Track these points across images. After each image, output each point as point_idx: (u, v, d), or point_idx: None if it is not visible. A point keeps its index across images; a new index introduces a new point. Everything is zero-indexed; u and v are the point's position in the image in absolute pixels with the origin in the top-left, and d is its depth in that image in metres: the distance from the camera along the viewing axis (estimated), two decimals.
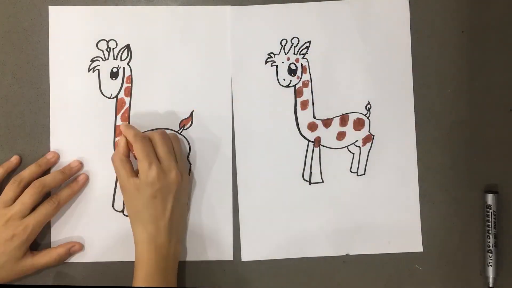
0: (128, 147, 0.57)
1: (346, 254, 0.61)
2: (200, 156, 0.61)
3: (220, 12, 0.61)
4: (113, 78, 0.61)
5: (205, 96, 0.61)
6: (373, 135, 0.61)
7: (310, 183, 0.61)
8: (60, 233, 0.60)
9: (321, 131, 0.61)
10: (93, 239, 0.60)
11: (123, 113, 0.60)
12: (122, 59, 0.61)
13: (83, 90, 0.60)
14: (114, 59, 0.61)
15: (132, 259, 0.60)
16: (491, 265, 0.60)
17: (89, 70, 0.60)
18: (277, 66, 0.61)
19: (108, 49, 0.61)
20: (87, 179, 0.60)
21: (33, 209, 0.56)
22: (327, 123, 0.61)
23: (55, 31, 0.60)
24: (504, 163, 0.61)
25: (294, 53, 0.61)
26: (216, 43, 0.61)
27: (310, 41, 0.61)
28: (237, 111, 0.61)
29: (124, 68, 0.61)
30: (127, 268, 0.60)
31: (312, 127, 0.61)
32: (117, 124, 0.60)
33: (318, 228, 0.61)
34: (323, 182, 0.61)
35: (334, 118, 0.61)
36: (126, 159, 0.57)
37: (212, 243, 0.60)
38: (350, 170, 0.61)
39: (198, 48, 0.61)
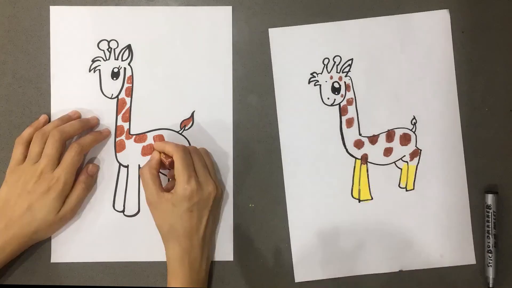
0: (160, 163, 0.57)
1: (400, 270, 0.61)
2: None
3: (221, 12, 0.61)
4: (114, 78, 0.61)
5: (206, 97, 0.61)
6: (420, 150, 0.61)
7: (360, 200, 0.61)
8: (60, 233, 0.60)
9: (367, 148, 0.61)
10: (93, 239, 0.60)
11: (124, 113, 0.60)
12: (123, 59, 0.61)
13: (84, 90, 0.60)
14: (115, 59, 0.61)
15: (132, 259, 0.60)
16: (491, 265, 0.60)
17: (90, 70, 0.60)
18: (320, 85, 0.61)
19: (109, 49, 0.61)
20: (109, 133, 0.60)
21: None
22: (373, 139, 0.61)
23: (56, 31, 0.60)
24: (504, 163, 0.61)
25: (337, 72, 0.61)
26: (217, 43, 0.61)
27: (352, 59, 0.61)
28: (282, 130, 0.61)
29: (125, 68, 0.61)
30: (127, 268, 0.60)
31: (359, 144, 0.61)
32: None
33: (370, 245, 0.61)
34: (372, 199, 0.61)
35: (380, 135, 0.61)
36: (157, 174, 0.56)
37: (212, 243, 0.60)
38: (399, 185, 0.61)
39: (199, 49, 0.61)
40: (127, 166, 0.60)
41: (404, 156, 0.61)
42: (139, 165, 0.60)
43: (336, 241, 0.61)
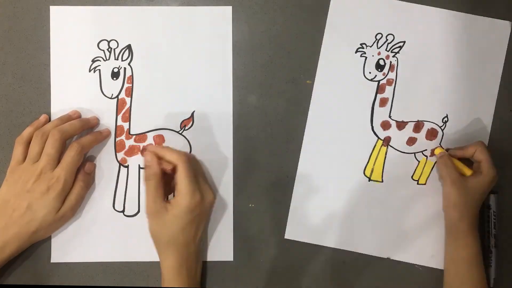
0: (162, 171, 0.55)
1: (387, 258, 0.61)
2: (201, 156, 0.61)
3: (221, 12, 0.61)
4: (114, 78, 0.61)
5: (206, 97, 0.61)
6: (443, 148, 0.61)
7: (370, 179, 0.61)
8: (60, 233, 0.60)
9: (393, 131, 0.61)
10: (93, 239, 0.60)
11: (124, 113, 0.60)
12: (123, 59, 0.61)
13: (84, 90, 0.60)
14: (115, 59, 0.61)
15: (132, 259, 0.60)
16: (491, 265, 0.60)
17: (90, 70, 0.60)
18: (366, 57, 0.61)
19: (109, 49, 0.61)
20: (109, 134, 0.60)
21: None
22: (401, 125, 0.61)
23: (56, 31, 0.60)
24: (504, 163, 0.61)
25: (386, 49, 0.61)
26: (217, 43, 0.61)
27: (404, 42, 0.61)
28: (316, 92, 0.61)
29: (125, 68, 0.61)
30: (127, 268, 0.60)
31: (385, 125, 0.61)
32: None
33: (367, 225, 0.61)
34: (382, 181, 0.61)
35: (409, 123, 0.61)
36: (162, 184, 0.55)
37: (212, 243, 0.60)
38: (412, 177, 0.61)
39: (199, 49, 0.61)
40: (127, 166, 0.60)
41: (426, 150, 0.61)
42: (139, 165, 0.60)
43: (334, 211, 0.61)
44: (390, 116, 0.61)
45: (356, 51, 0.61)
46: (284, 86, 0.61)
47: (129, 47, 0.61)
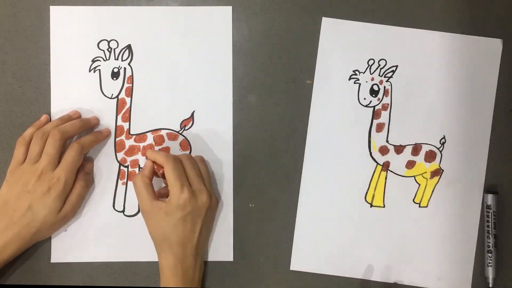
0: (153, 171, 0.56)
1: (394, 283, 0.61)
2: None
3: (221, 12, 0.61)
4: (114, 78, 0.61)
5: (206, 97, 0.61)
6: (443, 170, 0.61)
7: (371, 205, 0.61)
8: (60, 233, 0.60)
9: (391, 156, 0.61)
10: (93, 239, 0.60)
11: (124, 113, 0.60)
12: (123, 59, 0.61)
13: (84, 90, 0.60)
14: (115, 59, 0.61)
15: (132, 259, 0.60)
16: (491, 266, 0.60)
17: (90, 70, 0.60)
18: (360, 84, 0.61)
19: (109, 49, 0.61)
20: (109, 134, 0.60)
21: None
22: (399, 149, 0.61)
23: (56, 31, 0.60)
24: (504, 163, 0.61)
25: (379, 75, 0.61)
26: (217, 43, 0.61)
27: (397, 66, 0.61)
28: (312, 121, 0.61)
29: (125, 68, 0.61)
30: (127, 268, 0.60)
31: (384, 150, 0.61)
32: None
33: (371, 252, 0.61)
34: (384, 206, 0.61)
35: (407, 146, 0.61)
36: (150, 183, 0.56)
37: (212, 243, 0.60)
38: (413, 200, 0.61)
39: (199, 49, 0.61)
40: (127, 166, 0.61)
41: (425, 172, 0.61)
42: (139, 165, 0.60)
43: (338, 239, 0.61)
44: (387, 141, 0.61)
45: (350, 78, 0.61)
46: (284, 86, 0.61)
47: (129, 47, 0.61)
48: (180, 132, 0.61)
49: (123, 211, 0.60)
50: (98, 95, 0.60)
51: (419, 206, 0.61)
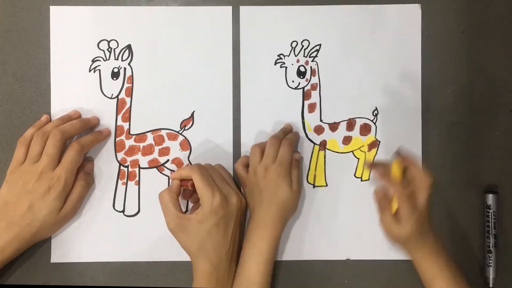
0: (180, 188, 0.56)
1: (347, 259, 0.61)
2: (201, 156, 0.61)
3: (221, 12, 0.61)
4: (114, 78, 0.61)
5: (206, 97, 0.61)
6: (379, 141, 0.61)
7: (314, 186, 0.61)
8: (60, 233, 0.60)
9: (327, 134, 0.61)
10: (93, 239, 0.60)
11: (124, 113, 0.60)
12: (123, 59, 0.61)
13: (84, 90, 0.60)
14: (115, 59, 0.61)
15: (132, 259, 0.60)
16: (491, 265, 0.60)
17: (90, 70, 0.60)
18: (286, 67, 0.61)
19: (109, 49, 0.61)
20: (109, 133, 0.60)
21: None
22: (333, 126, 0.61)
23: (56, 31, 0.60)
24: (504, 163, 0.61)
25: (304, 56, 0.61)
26: (217, 43, 0.61)
27: (320, 44, 0.61)
28: (244, 110, 0.61)
29: (125, 68, 0.61)
30: (127, 268, 0.60)
31: (319, 130, 0.61)
32: (118, 124, 0.60)
33: (320, 231, 0.61)
34: (327, 185, 0.61)
35: (341, 122, 0.61)
36: (177, 198, 0.55)
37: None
38: (355, 175, 0.61)
39: (199, 49, 0.61)
40: (127, 166, 0.61)
41: (363, 146, 0.61)
42: (139, 165, 0.60)
43: (287, 225, 0.60)
44: (321, 120, 0.61)
45: (275, 63, 0.61)
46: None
47: (129, 47, 0.61)
48: (180, 132, 0.61)
49: (123, 211, 0.60)
50: (98, 95, 0.60)
51: (361, 180, 0.61)
